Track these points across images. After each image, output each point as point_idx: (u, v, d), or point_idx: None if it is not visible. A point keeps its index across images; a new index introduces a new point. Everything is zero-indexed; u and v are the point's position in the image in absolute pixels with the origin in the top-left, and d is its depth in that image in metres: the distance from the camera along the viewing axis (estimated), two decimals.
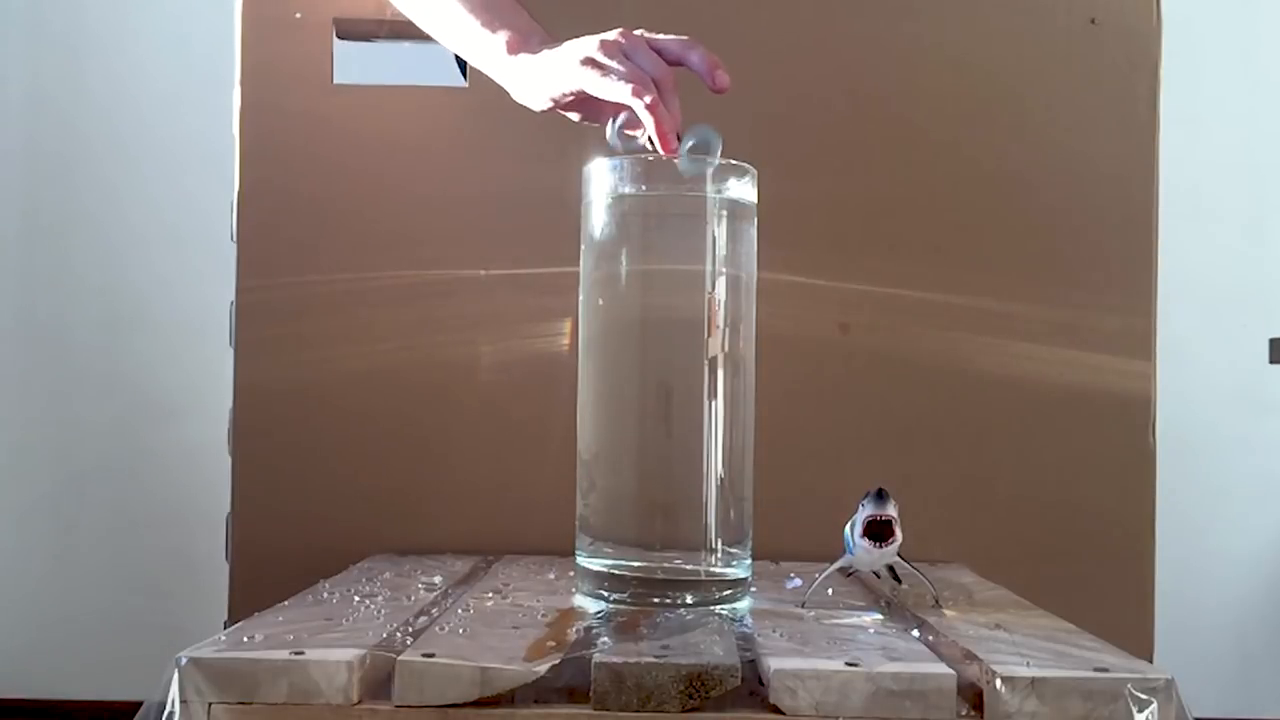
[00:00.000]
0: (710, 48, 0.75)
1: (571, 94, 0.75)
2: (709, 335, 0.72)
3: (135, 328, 1.74)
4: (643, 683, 0.55)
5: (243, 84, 0.98)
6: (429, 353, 0.97)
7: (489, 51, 0.80)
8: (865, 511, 0.69)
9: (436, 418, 0.97)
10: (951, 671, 0.55)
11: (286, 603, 0.71)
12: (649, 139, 0.71)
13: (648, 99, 0.69)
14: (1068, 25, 0.99)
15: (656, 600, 0.71)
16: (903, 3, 1.00)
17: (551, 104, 0.77)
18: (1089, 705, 0.53)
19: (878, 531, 0.69)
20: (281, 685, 0.54)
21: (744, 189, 0.74)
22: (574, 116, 0.78)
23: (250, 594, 0.91)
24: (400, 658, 0.55)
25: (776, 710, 0.55)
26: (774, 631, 0.64)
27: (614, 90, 0.71)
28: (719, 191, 0.72)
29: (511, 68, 0.79)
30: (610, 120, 0.74)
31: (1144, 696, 0.53)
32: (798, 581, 0.79)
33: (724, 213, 0.73)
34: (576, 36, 0.76)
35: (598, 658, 0.56)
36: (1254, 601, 1.78)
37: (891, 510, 0.69)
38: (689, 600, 0.71)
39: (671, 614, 0.68)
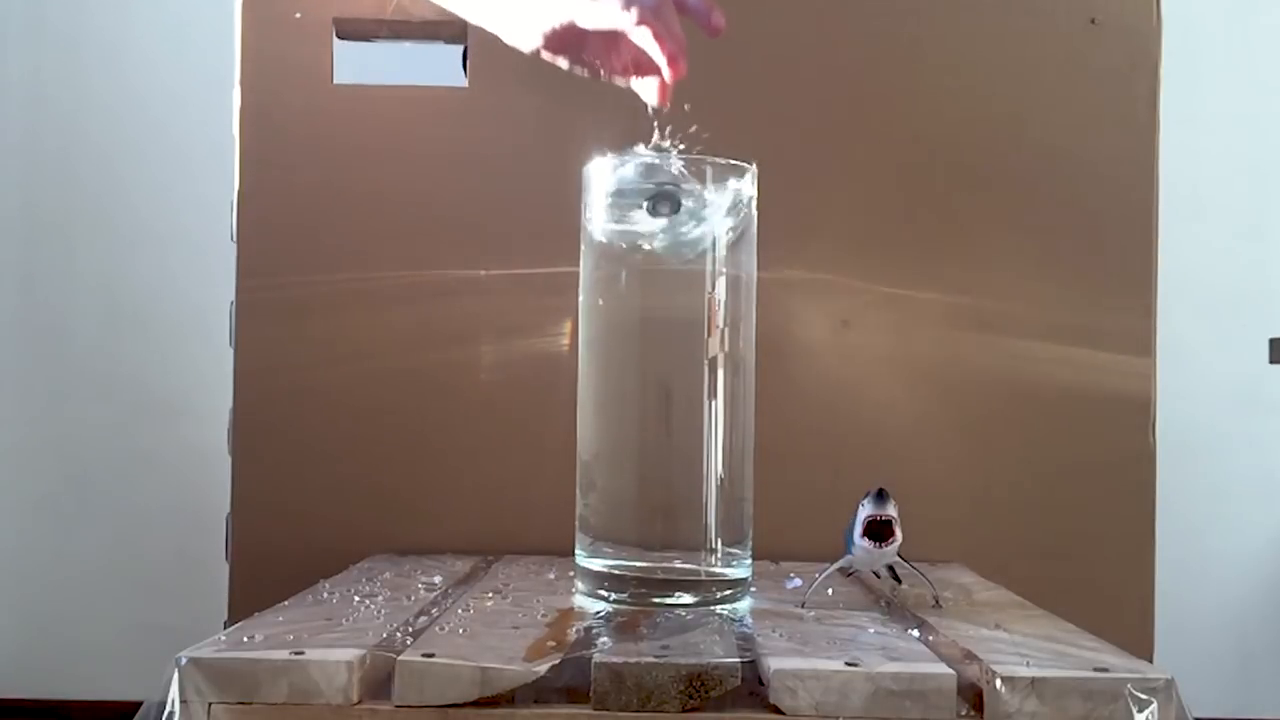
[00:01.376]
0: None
1: (560, 27, 0.73)
2: (709, 335, 0.72)
3: (136, 327, 1.75)
4: (643, 683, 0.55)
5: (243, 84, 0.98)
6: (429, 352, 0.97)
7: None
8: (865, 511, 0.69)
9: (436, 418, 0.97)
10: (951, 671, 0.55)
11: (286, 603, 0.71)
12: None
13: (635, 12, 0.67)
14: (1068, 25, 0.99)
15: (656, 600, 0.71)
16: (903, 3, 1.00)
17: (541, 41, 0.75)
18: (1089, 705, 0.53)
19: (878, 531, 0.69)
20: (281, 685, 0.54)
21: (744, 188, 0.74)
22: (563, 63, 0.76)
23: (250, 594, 0.91)
24: (400, 658, 0.55)
25: (776, 710, 0.55)
26: (774, 631, 0.64)
27: (602, 12, 0.69)
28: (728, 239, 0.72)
29: (502, 5, 0.78)
30: None
31: (1144, 696, 0.53)
32: (798, 581, 0.79)
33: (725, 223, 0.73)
34: None
35: (598, 658, 0.56)
36: (1254, 601, 1.78)
37: (891, 510, 0.69)
38: (689, 600, 0.71)
39: (671, 614, 0.68)
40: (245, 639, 0.59)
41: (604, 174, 0.74)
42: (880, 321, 0.97)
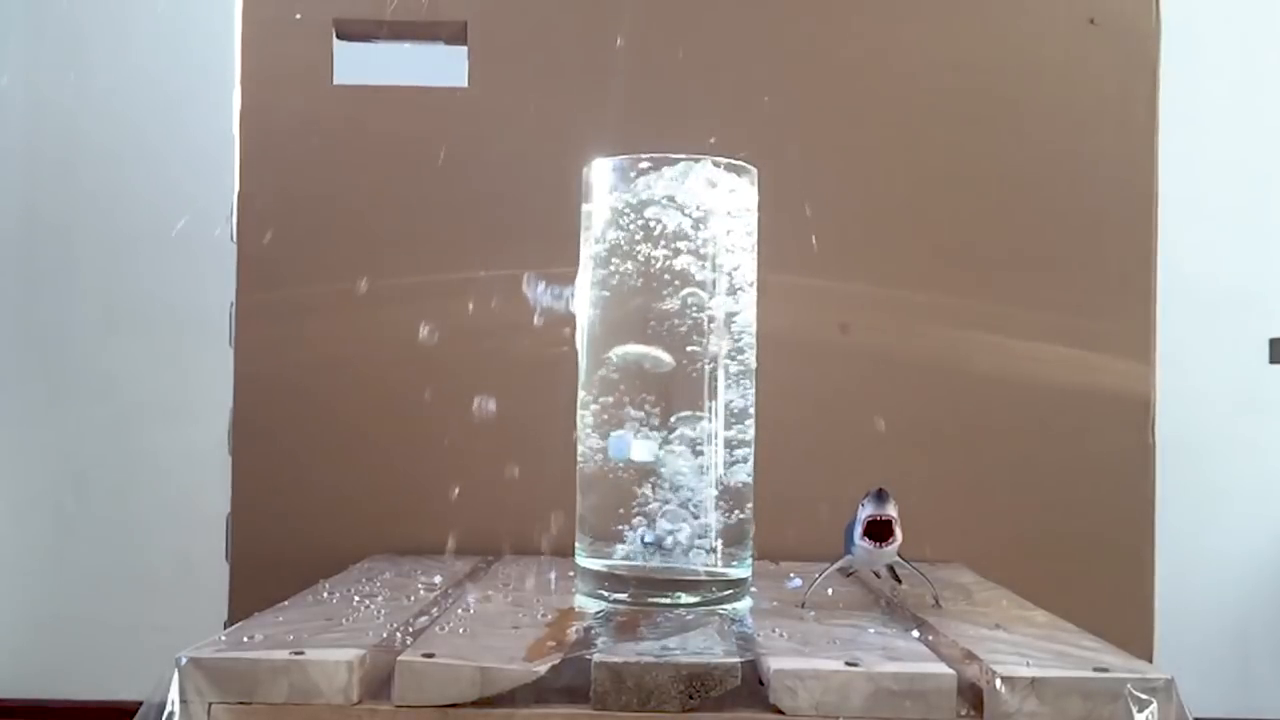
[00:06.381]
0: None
1: None
2: (709, 335, 0.72)
3: (135, 328, 1.74)
4: (643, 683, 0.55)
5: (243, 85, 0.98)
6: (429, 353, 0.97)
7: None
8: (865, 511, 0.69)
9: (436, 418, 0.97)
10: (951, 671, 0.55)
11: (286, 603, 0.71)
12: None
13: None
14: (1067, 25, 0.99)
15: (656, 600, 0.71)
16: (903, 3, 1.00)
17: None
18: (1089, 705, 0.53)
19: (878, 531, 0.69)
20: (281, 685, 0.54)
21: (744, 189, 0.74)
22: None
23: (250, 594, 0.91)
24: (400, 658, 0.55)
25: (776, 710, 0.55)
26: (774, 631, 0.64)
27: None
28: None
29: None
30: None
31: (1144, 696, 0.53)
32: (798, 581, 0.79)
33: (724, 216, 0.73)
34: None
35: (598, 658, 0.56)
36: (1254, 601, 1.78)
37: (891, 510, 0.69)
38: (689, 600, 0.71)
39: (671, 614, 0.69)
40: (245, 639, 0.59)
41: (604, 174, 0.73)
42: (880, 322, 0.97)
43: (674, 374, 0.72)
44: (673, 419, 0.72)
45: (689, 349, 0.72)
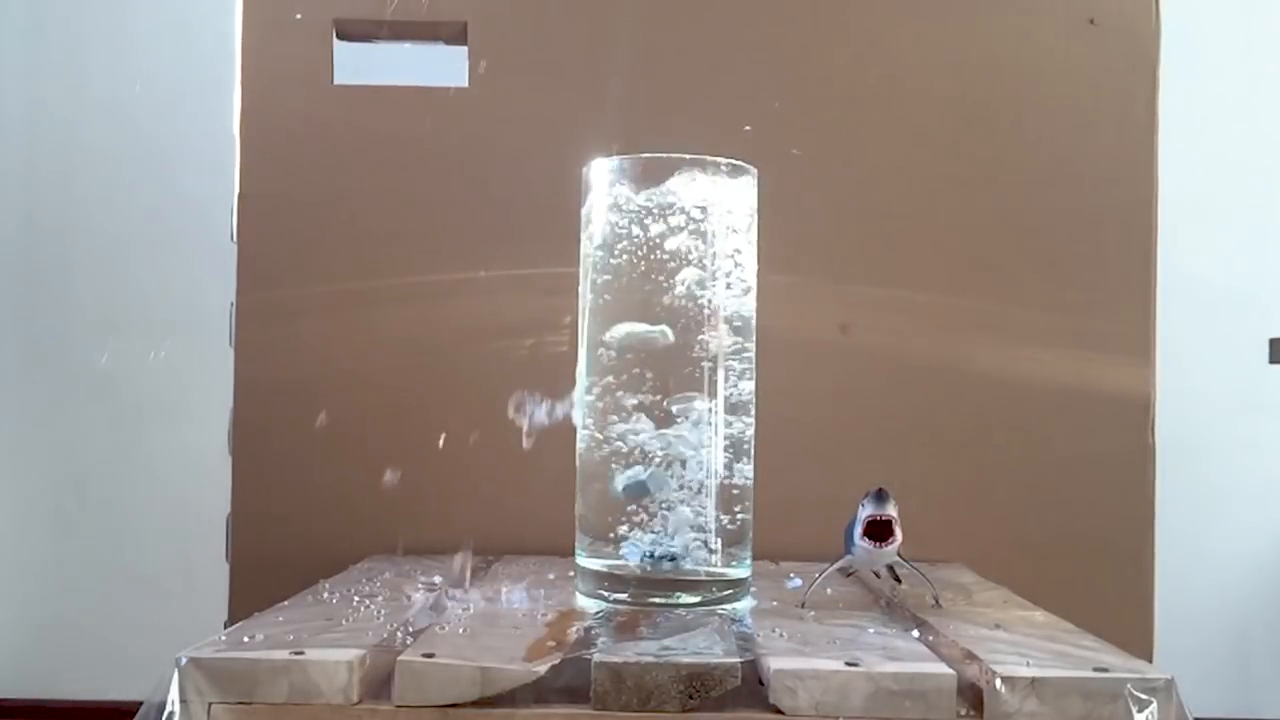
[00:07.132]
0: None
1: None
2: (709, 333, 0.72)
3: (135, 328, 1.74)
4: (643, 683, 0.55)
5: (243, 85, 0.98)
6: (429, 353, 0.97)
7: None
8: (865, 511, 0.69)
9: (436, 418, 0.97)
10: (951, 671, 0.55)
11: (286, 603, 0.71)
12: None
13: None
14: (1066, 26, 0.99)
15: (656, 600, 0.71)
16: (902, 3, 1.00)
17: None
18: (1089, 705, 0.53)
19: (878, 531, 0.69)
20: (281, 685, 0.54)
21: (744, 189, 0.74)
22: None
23: (250, 594, 0.91)
24: (400, 658, 0.55)
25: (776, 710, 0.55)
26: (774, 631, 0.64)
27: None
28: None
29: None
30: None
31: (1144, 696, 0.53)
32: (798, 581, 0.79)
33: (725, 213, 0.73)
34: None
35: (598, 658, 0.56)
36: (1254, 601, 1.78)
37: (891, 510, 0.69)
38: (689, 600, 0.71)
39: (671, 614, 0.69)
40: (245, 639, 0.59)
41: (604, 174, 0.73)
42: (880, 322, 0.97)
43: (673, 372, 0.72)
44: (668, 403, 0.72)
45: (690, 343, 0.72)
